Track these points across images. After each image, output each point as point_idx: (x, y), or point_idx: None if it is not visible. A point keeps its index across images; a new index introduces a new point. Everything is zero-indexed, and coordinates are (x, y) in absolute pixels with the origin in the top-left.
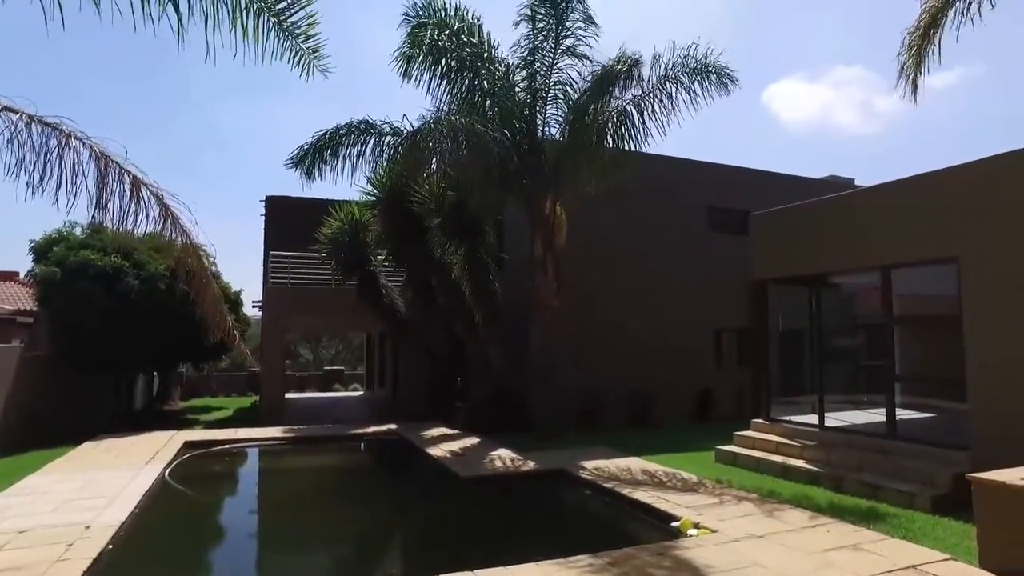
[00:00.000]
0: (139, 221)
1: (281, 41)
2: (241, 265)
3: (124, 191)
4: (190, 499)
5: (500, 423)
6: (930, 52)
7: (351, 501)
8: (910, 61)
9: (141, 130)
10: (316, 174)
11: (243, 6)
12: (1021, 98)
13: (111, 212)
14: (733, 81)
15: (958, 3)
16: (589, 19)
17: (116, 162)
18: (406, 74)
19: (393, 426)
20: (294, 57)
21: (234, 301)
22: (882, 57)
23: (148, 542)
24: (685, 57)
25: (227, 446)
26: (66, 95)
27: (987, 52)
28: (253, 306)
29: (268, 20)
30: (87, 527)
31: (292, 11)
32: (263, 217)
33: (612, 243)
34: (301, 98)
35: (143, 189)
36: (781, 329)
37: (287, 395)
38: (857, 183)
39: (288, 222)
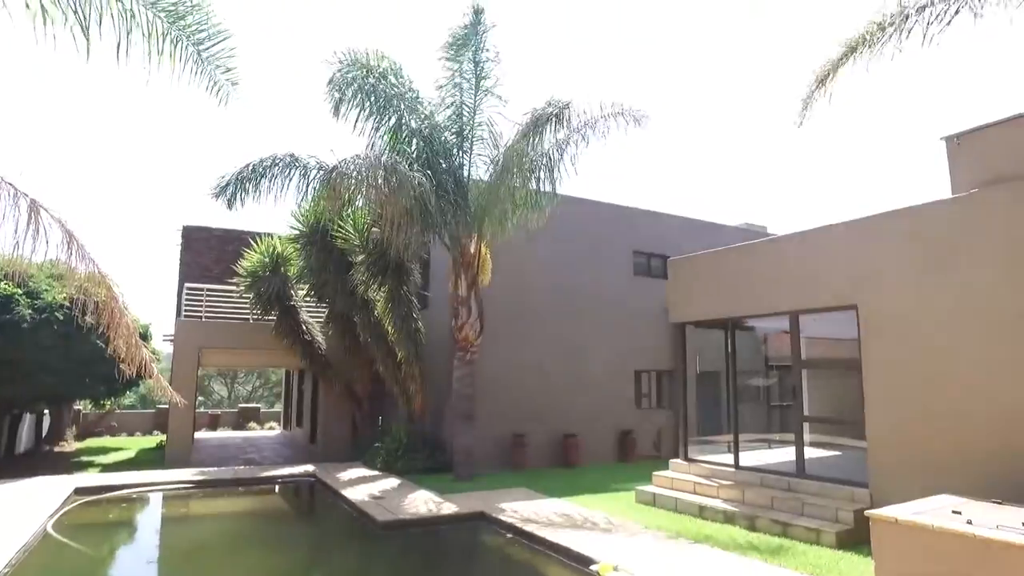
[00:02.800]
0: (37, 247)
1: (199, 69)
2: (149, 298)
3: (20, 215)
4: (76, 553)
5: (421, 464)
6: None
7: (260, 549)
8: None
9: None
10: (238, 204)
11: (160, 32)
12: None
13: (2, 236)
14: (640, 123)
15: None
16: (496, 58)
17: (10, 183)
18: (335, 112)
19: (310, 467)
20: (212, 87)
21: (142, 334)
22: None
23: None
24: (604, 105)
25: (125, 491)
26: None
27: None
28: (164, 339)
29: (187, 48)
30: None
31: (213, 42)
32: (179, 247)
33: (537, 285)
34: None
35: (42, 213)
36: (699, 371)
37: (198, 434)
38: (769, 231)
39: (206, 253)
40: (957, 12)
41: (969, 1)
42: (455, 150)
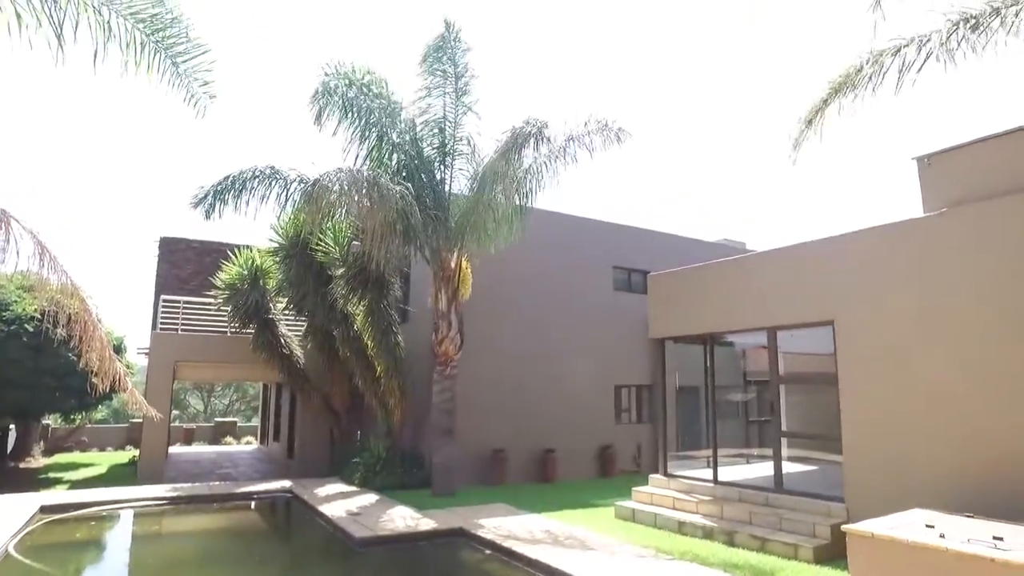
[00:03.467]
0: (7, 258)
1: (176, 81)
2: (123, 310)
3: None
4: (41, 575)
5: (399, 480)
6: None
7: (234, 567)
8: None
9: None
10: (216, 216)
11: (138, 42)
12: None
13: None
14: (621, 139)
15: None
16: (474, 72)
17: None
18: (317, 121)
19: (287, 483)
20: (190, 98)
21: (116, 347)
22: None
23: None
24: (587, 121)
25: (94, 509)
26: None
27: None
28: (139, 352)
29: (164, 60)
30: None
31: (190, 56)
32: (156, 258)
33: (517, 299)
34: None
35: (13, 224)
36: (678, 386)
37: (172, 449)
38: (748, 247)
39: (183, 265)
40: (928, 57)
41: (936, 51)
42: (436, 164)
